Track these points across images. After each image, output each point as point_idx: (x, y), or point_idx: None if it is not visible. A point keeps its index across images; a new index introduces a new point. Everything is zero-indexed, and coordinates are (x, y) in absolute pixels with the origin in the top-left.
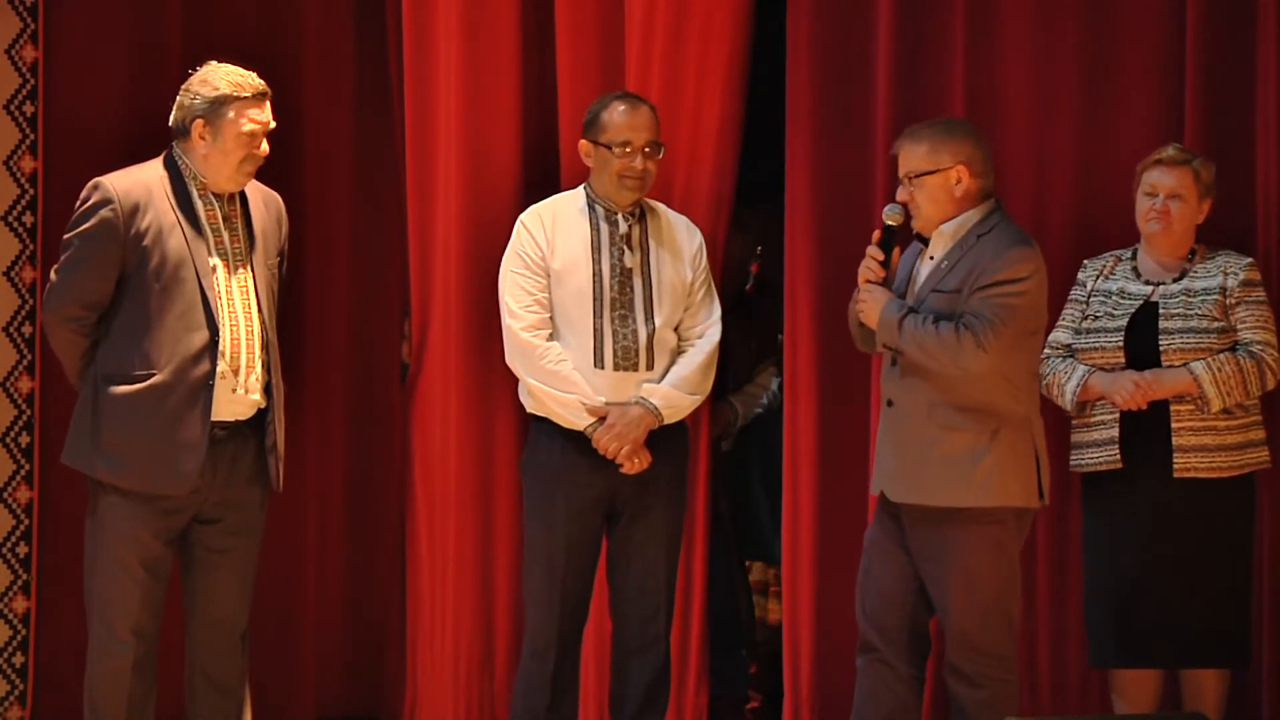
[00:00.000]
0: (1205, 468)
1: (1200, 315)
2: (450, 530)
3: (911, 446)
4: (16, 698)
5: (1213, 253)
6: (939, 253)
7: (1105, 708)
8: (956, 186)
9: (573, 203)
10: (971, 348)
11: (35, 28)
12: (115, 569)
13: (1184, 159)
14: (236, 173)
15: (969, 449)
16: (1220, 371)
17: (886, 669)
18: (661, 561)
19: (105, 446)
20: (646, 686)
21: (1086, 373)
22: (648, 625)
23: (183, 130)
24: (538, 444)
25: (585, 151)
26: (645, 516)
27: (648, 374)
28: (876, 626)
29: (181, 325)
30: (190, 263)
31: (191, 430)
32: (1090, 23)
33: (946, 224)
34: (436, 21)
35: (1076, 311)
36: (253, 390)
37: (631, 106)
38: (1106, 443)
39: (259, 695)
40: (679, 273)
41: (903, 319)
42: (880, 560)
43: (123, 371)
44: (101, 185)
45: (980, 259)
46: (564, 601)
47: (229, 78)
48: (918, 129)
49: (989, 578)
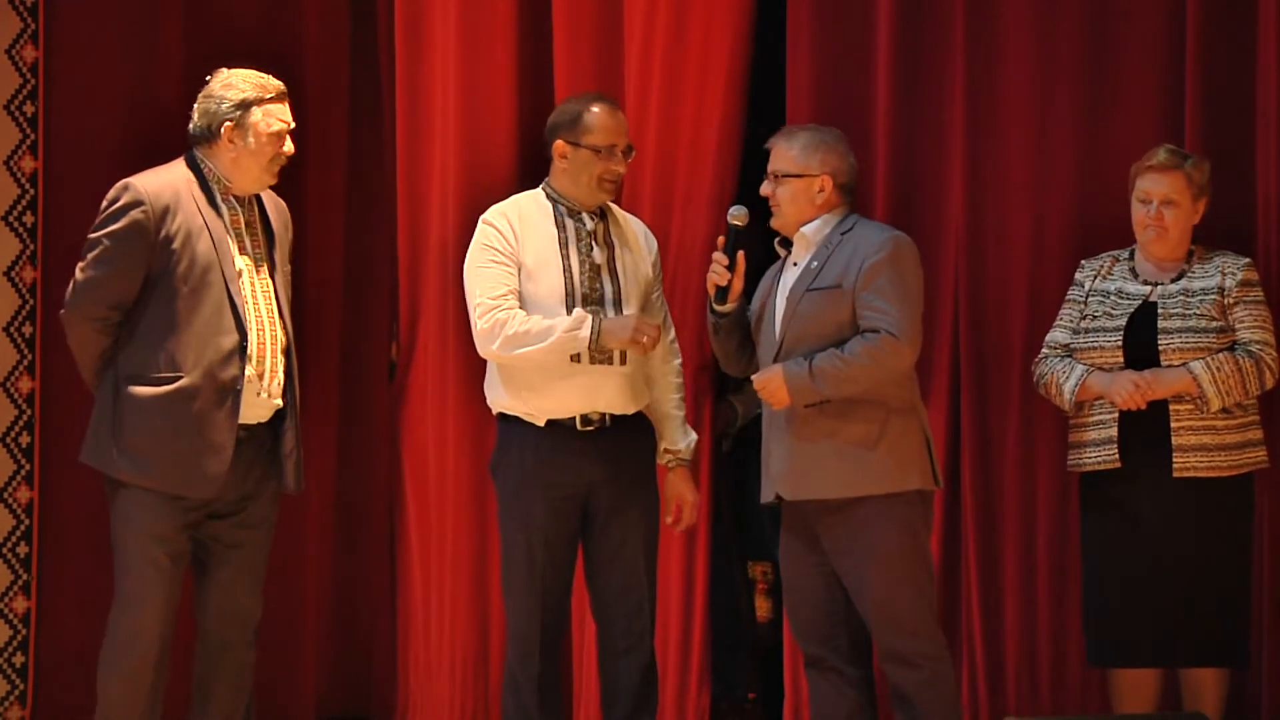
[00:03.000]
0: (1204, 467)
1: (1199, 315)
2: (446, 530)
3: (804, 443)
4: (16, 698)
5: (1210, 253)
6: (803, 258)
7: (1105, 708)
8: (819, 194)
9: (533, 201)
10: (893, 348)
11: (35, 28)
12: (146, 565)
13: (1175, 163)
14: (265, 173)
15: (863, 439)
16: (1219, 371)
17: (836, 675)
18: (640, 559)
19: (129, 447)
20: (635, 686)
21: (1085, 372)
22: (631, 624)
23: (207, 135)
24: (508, 445)
25: (562, 152)
26: (621, 516)
27: (622, 367)
28: (815, 637)
29: (210, 329)
30: (218, 266)
31: (219, 433)
32: (1090, 23)
33: (807, 227)
34: (433, 22)
35: (1074, 311)
36: (274, 394)
37: (611, 109)
38: (1105, 442)
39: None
40: (641, 269)
41: (811, 371)
42: (798, 570)
43: (148, 373)
44: (132, 186)
45: (857, 250)
46: (544, 602)
47: (251, 80)
48: (794, 130)
49: (906, 560)
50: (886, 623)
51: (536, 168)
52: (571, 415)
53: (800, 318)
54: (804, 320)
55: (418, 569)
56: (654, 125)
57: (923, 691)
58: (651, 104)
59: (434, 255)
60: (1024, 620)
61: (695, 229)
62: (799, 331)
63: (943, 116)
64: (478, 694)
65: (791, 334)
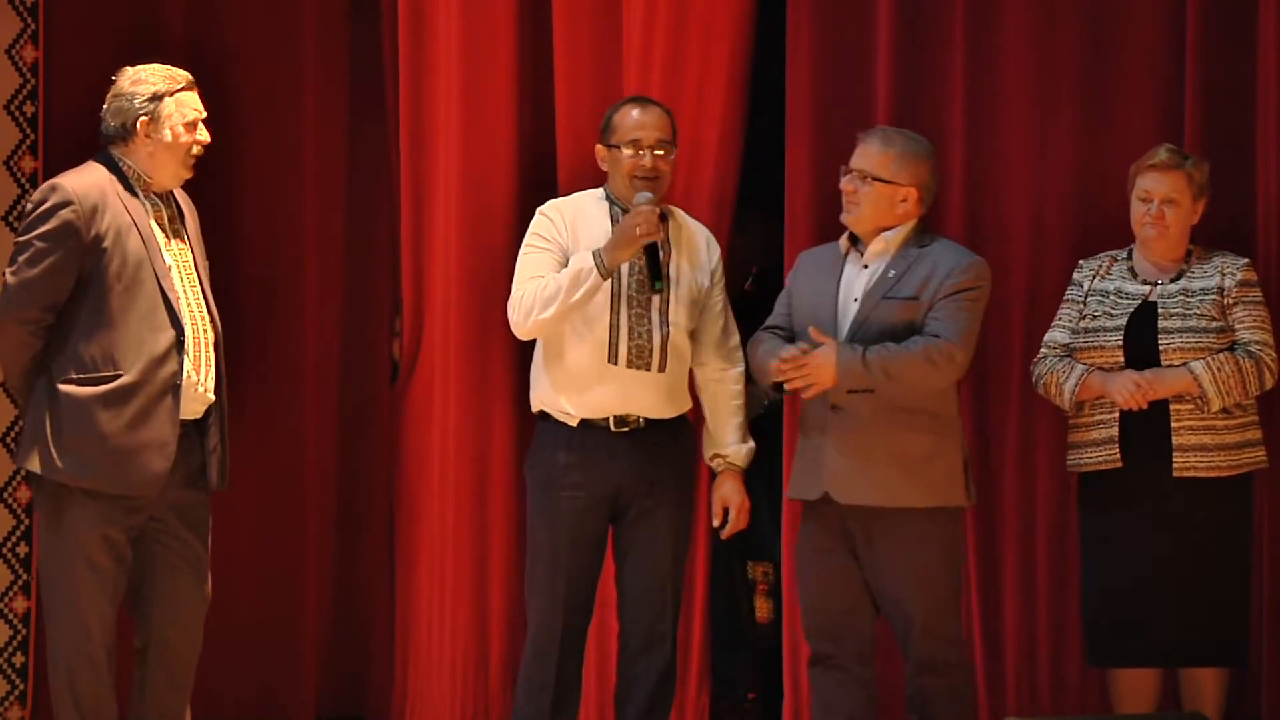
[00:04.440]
0: (1204, 467)
1: (1199, 315)
2: (447, 531)
3: (863, 449)
4: (16, 698)
5: (1209, 253)
6: (879, 262)
7: (1105, 708)
8: (901, 204)
9: (591, 198)
10: (949, 355)
11: (35, 28)
12: (87, 571)
13: (1176, 163)
14: (181, 166)
15: (921, 450)
16: (1220, 371)
17: (843, 675)
18: (668, 561)
19: (70, 449)
20: (653, 686)
21: (1085, 372)
22: (654, 625)
23: (122, 133)
24: (542, 443)
25: (600, 156)
26: (651, 516)
27: (659, 375)
28: (827, 635)
29: (145, 325)
30: (148, 263)
31: (161, 430)
32: (1090, 22)
33: (889, 233)
34: (434, 22)
35: (1073, 311)
36: (209, 389)
37: (641, 107)
38: (1106, 442)
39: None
40: (696, 279)
41: (864, 357)
42: (822, 567)
43: (84, 373)
44: (60, 187)
45: (938, 267)
46: (568, 601)
47: (160, 73)
48: (890, 134)
49: (951, 573)
50: (925, 632)
51: (538, 167)
52: (605, 416)
53: (873, 323)
54: (877, 327)
55: (418, 569)
56: None
57: (946, 699)
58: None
59: (438, 255)
60: (1024, 620)
61: None
62: (867, 338)
63: (943, 116)
64: (478, 694)
65: (860, 339)
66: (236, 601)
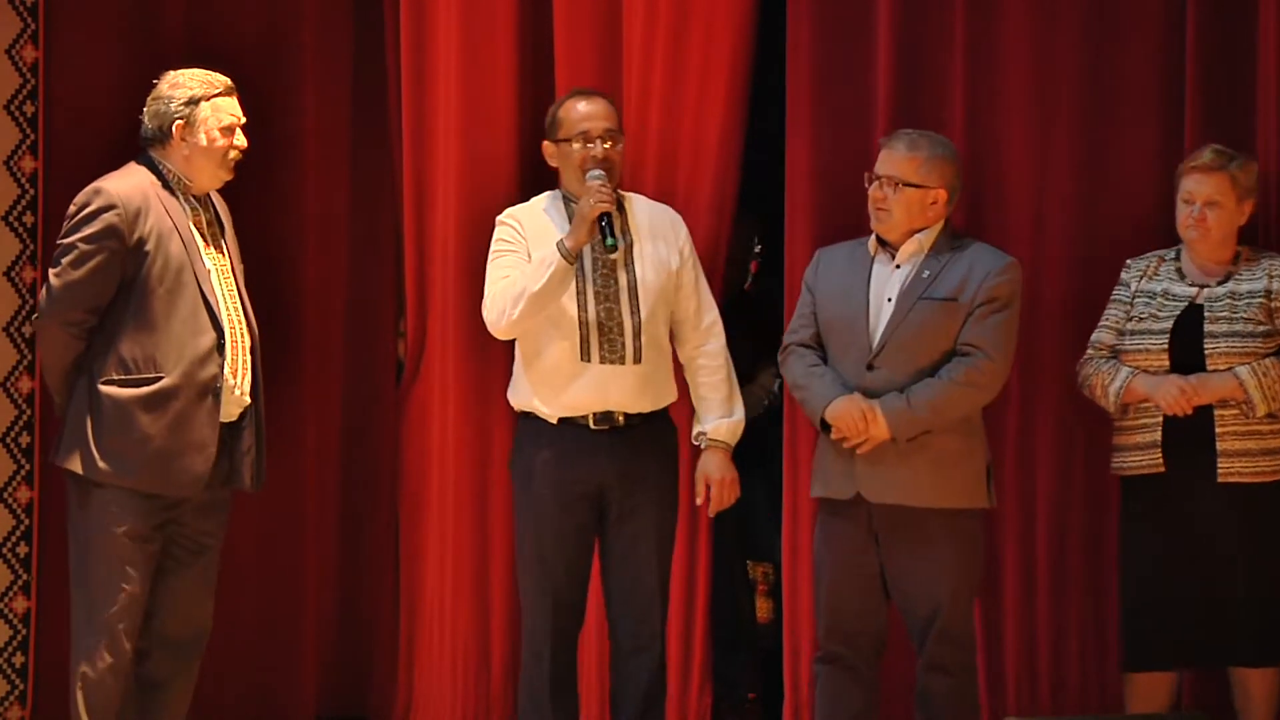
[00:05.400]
0: (1249, 472)
1: (1245, 319)
2: (448, 531)
3: (897, 450)
4: (16, 698)
5: (1257, 255)
6: (912, 262)
7: (1105, 707)
8: (931, 206)
9: (549, 200)
10: (990, 374)
11: (35, 28)
12: (118, 567)
13: (1220, 164)
14: (220, 169)
15: (954, 451)
16: (1266, 376)
17: (851, 673)
18: (653, 560)
19: (112, 450)
20: (645, 686)
21: (1130, 374)
22: (642, 625)
23: (160, 136)
24: (523, 441)
25: (549, 153)
26: (635, 515)
27: (635, 366)
28: (839, 634)
29: (187, 328)
30: (190, 266)
31: (201, 431)
32: (1090, 23)
33: (921, 234)
34: (435, 21)
35: (1120, 312)
36: (246, 391)
37: (587, 99)
38: (1149, 446)
39: (258, 696)
40: (663, 261)
41: (910, 403)
42: (843, 567)
43: (127, 374)
44: (104, 190)
45: (975, 267)
46: (556, 598)
47: (198, 78)
48: (915, 138)
49: (972, 575)
50: (943, 633)
51: (538, 166)
52: (584, 413)
53: (910, 325)
54: (914, 328)
55: (422, 569)
56: (655, 125)
57: (952, 697)
58: (652, 103)
59: (441, 255)
60: (1024, 620)
61: (696, 228)
62: (903, 339)
63: (943, 116)
64: (479, 694)
65: (895, 340)
66: (238, 601)
